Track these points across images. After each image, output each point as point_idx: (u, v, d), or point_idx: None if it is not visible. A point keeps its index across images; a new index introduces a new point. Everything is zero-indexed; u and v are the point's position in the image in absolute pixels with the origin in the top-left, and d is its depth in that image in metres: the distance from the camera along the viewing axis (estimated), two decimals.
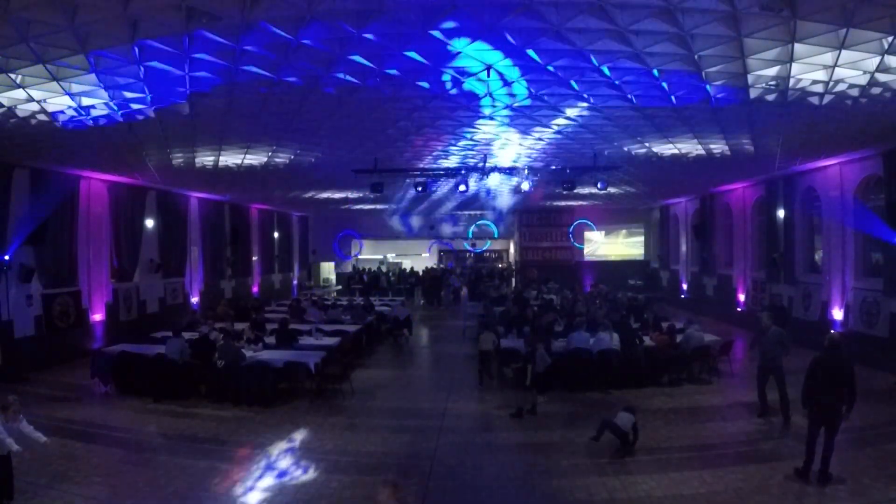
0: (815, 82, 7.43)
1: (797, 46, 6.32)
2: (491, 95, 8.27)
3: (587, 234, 28.99)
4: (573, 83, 7.75)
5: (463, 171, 13.69)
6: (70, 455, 7.47)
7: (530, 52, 6.63)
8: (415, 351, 15.72)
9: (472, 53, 6.65)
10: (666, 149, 12.07)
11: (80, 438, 8.10)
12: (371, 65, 6.93)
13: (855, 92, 7.70)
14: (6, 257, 11.50)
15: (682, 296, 23.00)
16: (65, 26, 5.63)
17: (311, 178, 15.96)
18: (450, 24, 5.91)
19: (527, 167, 13.63)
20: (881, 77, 7.07)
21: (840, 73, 7.04)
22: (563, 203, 25.44)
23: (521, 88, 8.03)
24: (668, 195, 22.81)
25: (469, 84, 7.78)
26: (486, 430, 8.62)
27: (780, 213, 15.52)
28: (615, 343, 11.04)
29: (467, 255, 34.71)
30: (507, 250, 34.84)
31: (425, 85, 7.80)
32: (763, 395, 9.01)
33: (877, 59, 6.59)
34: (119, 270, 15.21)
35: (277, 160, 12.91)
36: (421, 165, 13.54)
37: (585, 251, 29.00)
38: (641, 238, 28.81)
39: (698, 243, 21.35)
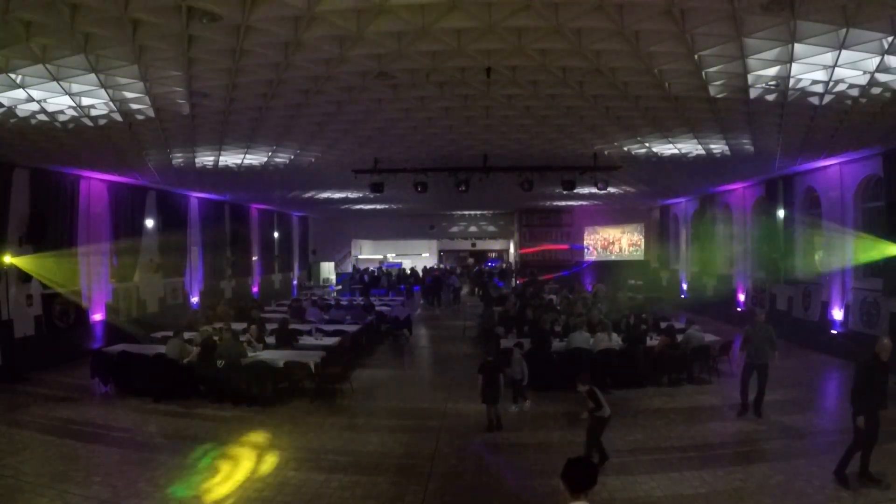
0: (815, 82, 7.44)
1: (797, 46, 6.32)
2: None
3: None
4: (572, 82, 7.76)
5: (463, 171, 13.68)
6: (70, 455, 7.48)
7: (531, 52, 6.64)
8: (415, 351, 15.72)
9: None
10: (666, 149, 12.08)
11: (80, 438, 8.10)
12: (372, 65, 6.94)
13: (855, 92, 7.70)
14: (6, 257, 11.51)
15: (682, 296, 23.01)
16: (65, 26, 5.64)
17: (311, 178, 15.96)
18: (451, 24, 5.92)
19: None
20: (881, 77, 7.07)
21: (840, 73, 7.04)
22: (563, 203, 25.45)
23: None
24: (668, 195, 22.82)
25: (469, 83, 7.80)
26: (486, 430, 8.61)
27: (780, 213, 15.53)
28: (615, 343, 11.05)
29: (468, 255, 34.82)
30: (507, 250, 34.84)
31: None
32: (745, 393, 9.07)
33: (877, 59, 6.60)
34: (119, 270, 15.22)
35: (277, 160, 12.92)
36: (421, 165, 13.53)
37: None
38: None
39: (698, 243, 21.36)
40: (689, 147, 11.86)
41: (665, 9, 5.62)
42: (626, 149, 12.15)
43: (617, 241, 29.12)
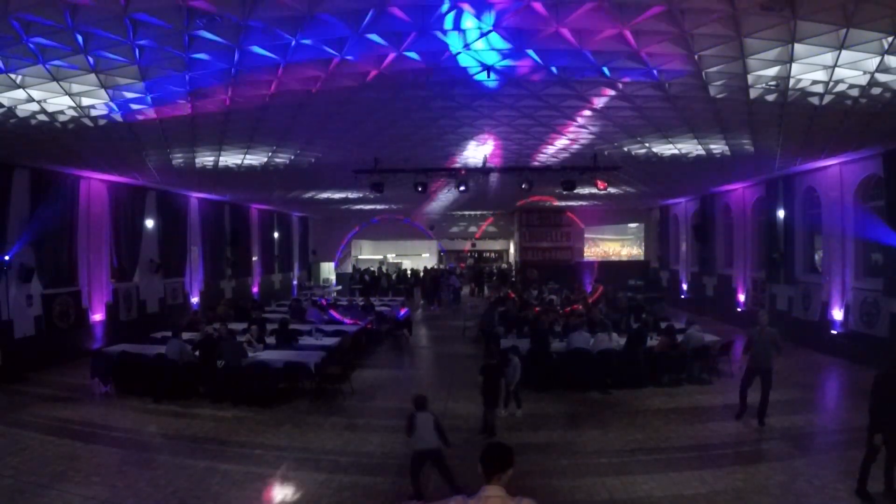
0: (815, 82, 7.44)
1: (797, 46, 6.32)
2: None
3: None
4: (573, 83, 7.76)
5: (463, 171, 13.68)
6: (70, 455, 7.48)
7: (530, 52, 6.63)
8: (415, 351, 15.72)
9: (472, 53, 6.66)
10: (666, 149, 12.07)
11: (80, 438, 8.10)
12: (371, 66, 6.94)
13: (855, 92, 7.70)
14: (6, 257, 11.50)
15: (682, 296, 23.01)
16: (65, 26, 5.63)
17: (311, 178, 15.96)
18: (449, 24, 5.92)
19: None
20: (881, 77, 7.07)
21: (840, 73, 7.04)
22: (563, 203, 25.42)
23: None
24: (668, 195, 22.81)
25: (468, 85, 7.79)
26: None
27: (780, 213, 15.52)
28: (615, 343, 11.05)
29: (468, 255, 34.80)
30: (507, 250, 34.85)
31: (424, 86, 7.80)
32: (744, 397, 8.84)
33: (877, 59, 6.60)
34: (119, 270, 15.22)
35: (277, 160, 12.92)
36: (421, 165, 13.53)
37: (586, 252, 29.08)
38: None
39: (698, 243, 21.36)
40: (689, 147, 11.85)
41: (665, 9, 5.62)
42: (626, 149, 12.15)
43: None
